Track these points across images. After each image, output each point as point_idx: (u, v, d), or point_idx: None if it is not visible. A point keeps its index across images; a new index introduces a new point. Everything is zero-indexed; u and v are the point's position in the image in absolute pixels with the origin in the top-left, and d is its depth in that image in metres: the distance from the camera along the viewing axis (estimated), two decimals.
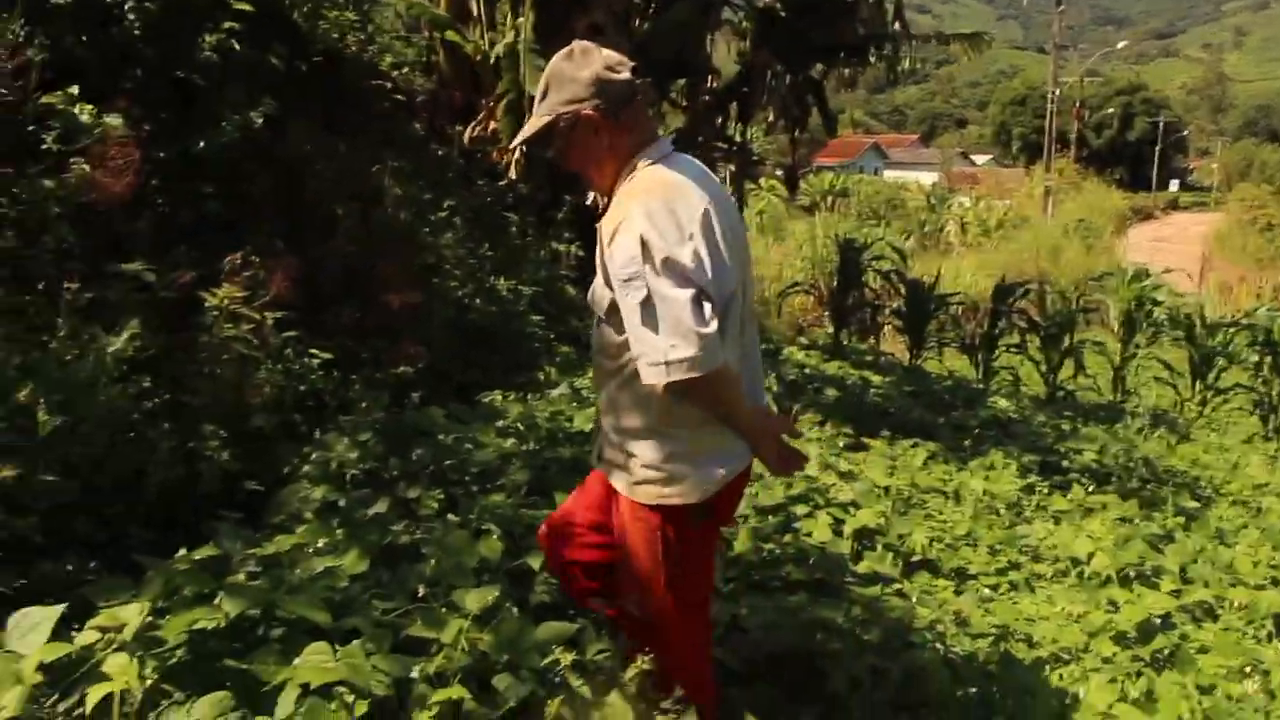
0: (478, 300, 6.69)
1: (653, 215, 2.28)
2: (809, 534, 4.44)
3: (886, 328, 13.09)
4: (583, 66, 2.44)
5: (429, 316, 5.91)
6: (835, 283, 11.95)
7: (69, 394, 3.75)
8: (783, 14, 11.22)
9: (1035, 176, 43.61)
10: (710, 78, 11.71)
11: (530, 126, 2.51)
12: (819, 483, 4.96)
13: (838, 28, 11.38)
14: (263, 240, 5.45)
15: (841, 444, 5.94)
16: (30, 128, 4.51)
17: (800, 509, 4.72)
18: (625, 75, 2.46)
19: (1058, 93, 39.20)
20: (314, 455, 3.94)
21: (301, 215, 6.10)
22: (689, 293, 2.21)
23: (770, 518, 4.57)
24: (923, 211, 41.74)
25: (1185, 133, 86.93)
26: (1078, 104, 54.78)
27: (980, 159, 76.72)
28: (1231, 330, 11.05)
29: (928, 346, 11.74)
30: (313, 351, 5.02)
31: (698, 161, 2.57)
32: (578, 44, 2.50)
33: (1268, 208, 48.62)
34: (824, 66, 11.86)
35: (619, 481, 2.55)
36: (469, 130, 9.35)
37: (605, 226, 2.38)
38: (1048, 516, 5.57)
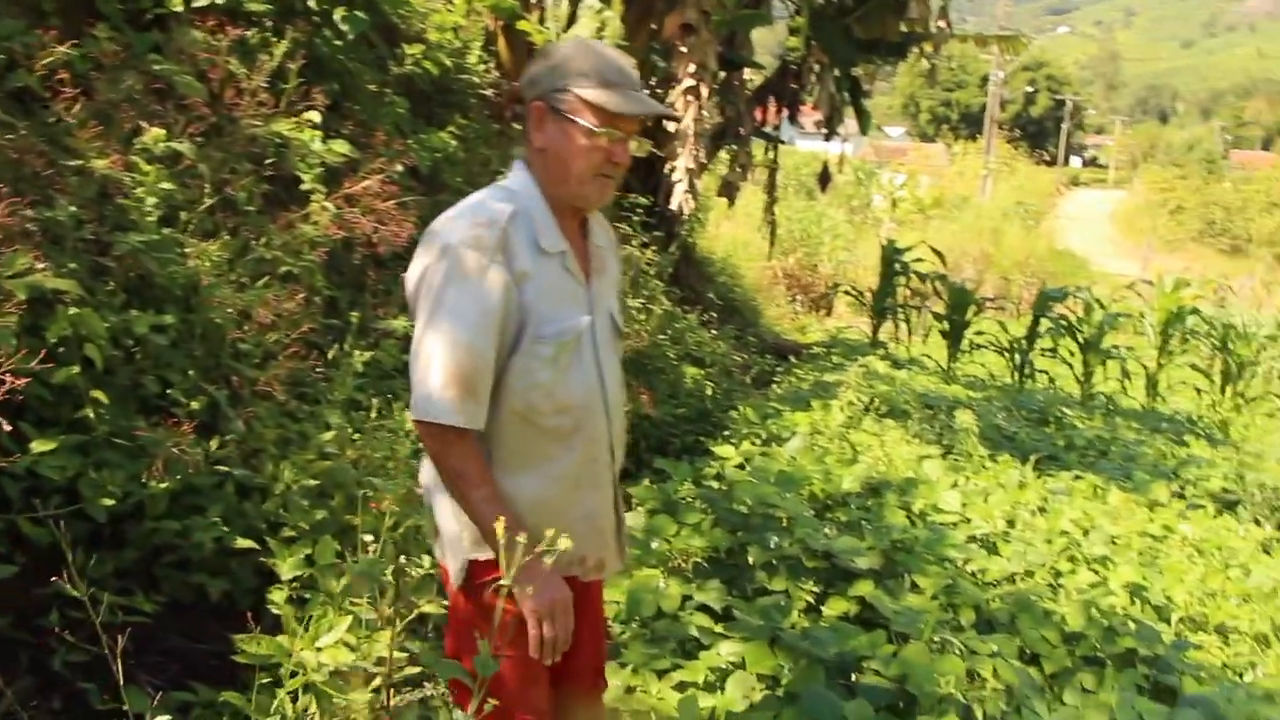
0: None
1: None
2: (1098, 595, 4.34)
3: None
4: None
5: None
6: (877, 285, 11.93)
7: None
8: (832, 8, 11.06)
9: (965, 155, 44.30)
10: (749, 71, 11.55)
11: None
12: (1072, 535, 4.87)
13: (884, 24, 11.27)
14: None
15: (1047, 484, 5.85)
16: (270, 160, 4.10)
17: (1064, 565, 4.63)
18: None
19: (1001, 75, 39.79)
20: None
21: None
22: None
23: (1035, 577, 4.48)
24: (849, 186, 42.04)
25: (1087, 112, 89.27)
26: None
27: (893, 131, 77.58)
28: (1265, 339, 11.36)
29: (964, 349, 11.77)
30: None
31: None
32: None
33: (1176, 191, 50.32)
34: (865, 63, 11.78)
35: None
36: None
37: (608, 245, 2.27)
38: (1246, 557, 5.57)
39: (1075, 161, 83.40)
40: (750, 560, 3.81)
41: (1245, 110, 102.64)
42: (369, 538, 2.71)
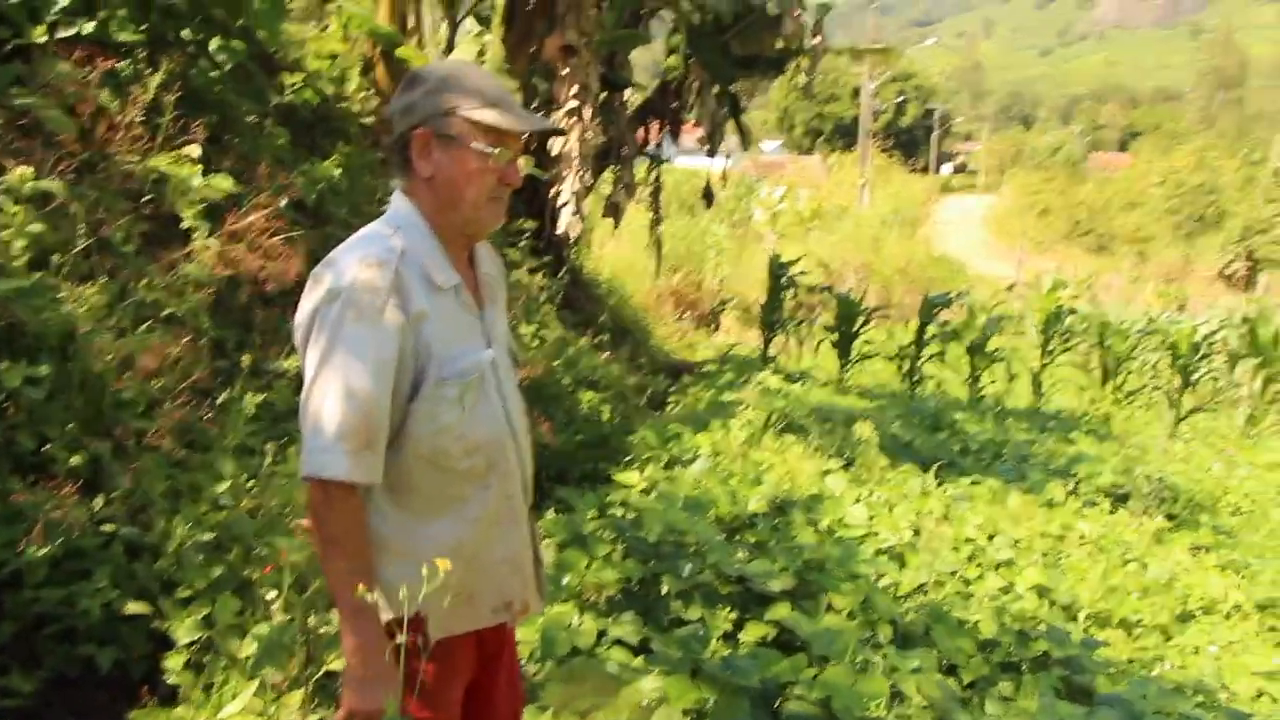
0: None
1: None
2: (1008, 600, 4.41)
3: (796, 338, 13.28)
4: None
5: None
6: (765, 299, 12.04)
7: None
8: (709, 26, 11.14)
9: (843, 166, 45.27)
10: (630, 91, 11.56)
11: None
12: (977, 541, 4.94)
13: (760, 40, 11.40)
14: None
15: (948, 491, 5.93)
16: (148, 197, 3.92)
17: (972, 571, 4.69)
18: None
19: (873, 87, 40.83)
20: None
21: None
22: None
23: (946, 585, 4.53)
24: (730, 201, 42.52)
25: (956, 120, 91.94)
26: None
27: (769, 145, 78.77)
28: (1138, 336, 11.81)
29: (854, 358, 11.94)
30: None
31: None
32: None
33: (1043, 193, 52.21)
34: (743, 79, 11.89)
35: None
36: None
37: (496, 273, 2.15)
38: (1141, 550, 5.73)
39: (946, 168, 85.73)
40: (664, 590, 3.75)
41: (1101, 114, 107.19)
42: (272, 594, 2.58)
